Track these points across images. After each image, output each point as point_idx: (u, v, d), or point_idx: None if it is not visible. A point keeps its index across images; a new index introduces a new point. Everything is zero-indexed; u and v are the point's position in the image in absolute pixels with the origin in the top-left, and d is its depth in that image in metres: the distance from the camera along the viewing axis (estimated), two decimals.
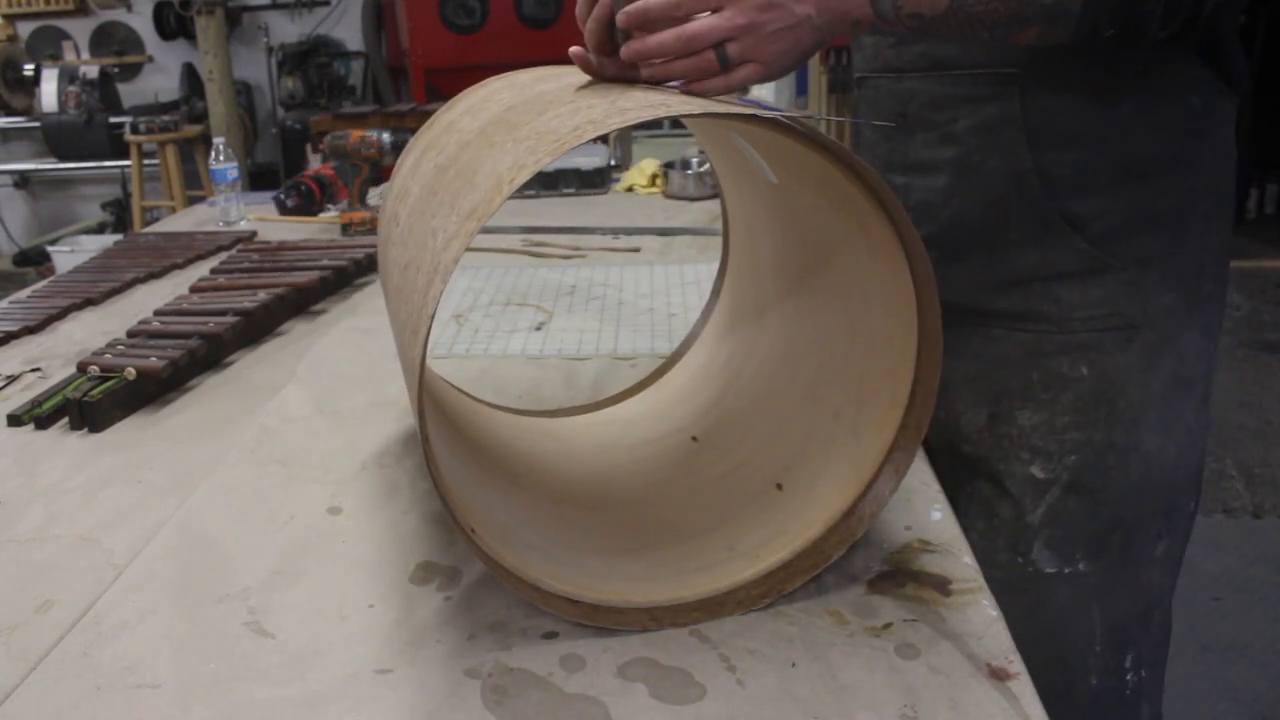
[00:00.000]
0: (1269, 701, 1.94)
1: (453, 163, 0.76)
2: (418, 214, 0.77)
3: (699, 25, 0.74)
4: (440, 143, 0.84)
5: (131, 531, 0.91)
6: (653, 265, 1.69)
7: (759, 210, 0.93)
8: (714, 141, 0.93)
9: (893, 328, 0.78)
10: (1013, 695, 0.66)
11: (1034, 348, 0.96)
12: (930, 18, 0.76)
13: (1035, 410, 0.96)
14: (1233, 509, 2.62)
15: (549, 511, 0.87)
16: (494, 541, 0.72)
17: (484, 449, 0.93)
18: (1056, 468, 0.96)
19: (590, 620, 0.74)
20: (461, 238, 0.63)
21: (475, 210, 0.64)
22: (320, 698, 0.69)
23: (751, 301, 0.98)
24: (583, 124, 0.66)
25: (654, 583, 0.77)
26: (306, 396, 1.20)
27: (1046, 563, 0.98)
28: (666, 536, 0.84)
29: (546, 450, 0.98)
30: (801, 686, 0.68)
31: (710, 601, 0.76)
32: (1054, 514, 0.97)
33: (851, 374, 0.83)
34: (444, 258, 0.64)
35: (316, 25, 5.69)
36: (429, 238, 0.70)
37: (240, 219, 2.14)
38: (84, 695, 0.69)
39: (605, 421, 1.03)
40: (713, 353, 1.03)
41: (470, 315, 1.47)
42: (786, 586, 0.78)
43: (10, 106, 5.46)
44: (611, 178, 2.33)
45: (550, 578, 0.74)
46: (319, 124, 4.47)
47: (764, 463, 0.88)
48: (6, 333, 1.42)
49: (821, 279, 0.86)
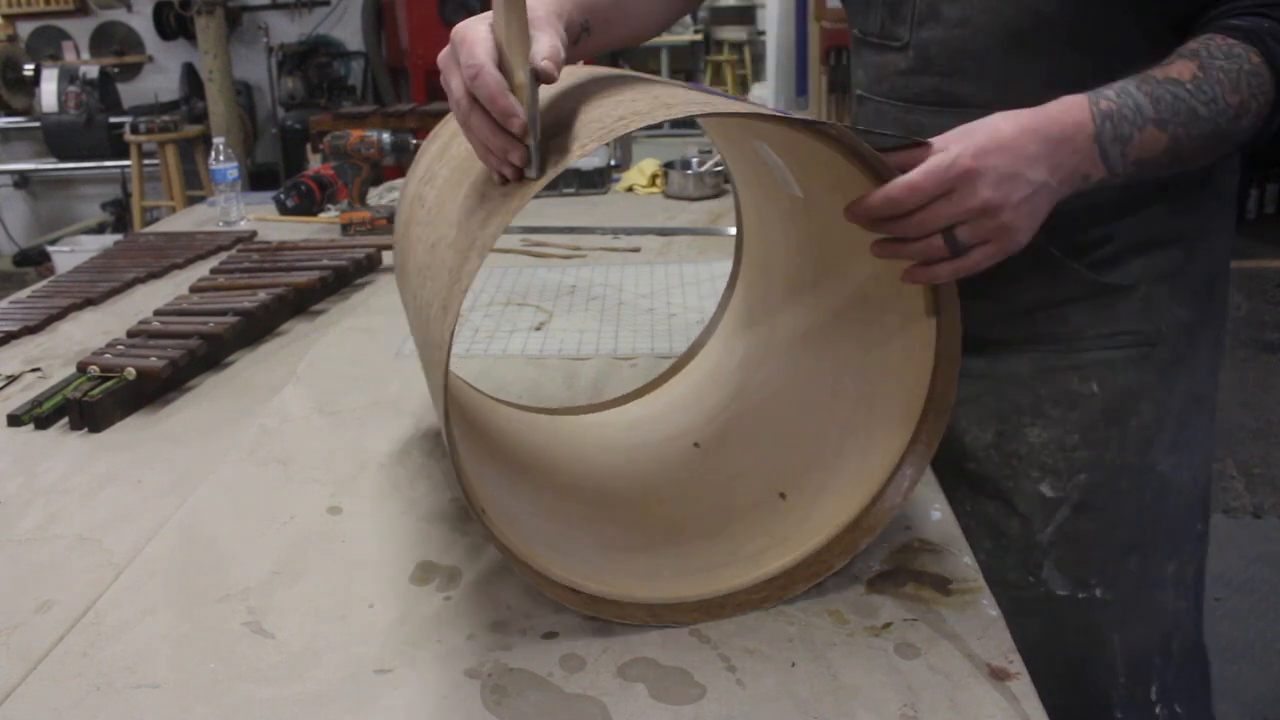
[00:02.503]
0: (1269, 701, 1.94)
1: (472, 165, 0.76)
2: (448, 194, 0.76)
3: (932, 211, 0.69)
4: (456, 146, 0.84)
5: (131, 531, 0.91)
6: (653, 265, 1.69)
7: (774, 215, 0.92)
8: (734, 147, 0.92)
9: (910, 341, 0.77)
10: (1013, 695, 0.66)
11: (1042, 364, 0.94)
12: (1149, 159, 0.75)
13: (1045, 428, 0.95)
14: (1233, 509, 2.62)
15: (554, 505, 0.87)
16: (503, 525, 0.72)
17: (493, 439, 0.93)
18: (1066, 486, 0.95)
19: (591, 610, 0.74)
20: (508, 210, 0.62)
21: (516, 190, 0.64)
22: (320, 698, 0.69)
23: (763, 309, 0.97)
24: (628, 114, 0.64)
25: (655, 580, 0.77)
26: (306, 396, 1.20)
27: (1058, 584, 0.96)
28: (668, 536, 0.84)
29: (551, 446, 0.98)
30: (801, 686, 0.68)
31: (710, 603, 0.76)
32: (1064, 534, 0.95)
33: (863, 388, 0.82)
34: (483, 234, 0.64)
35: (316, 25, 5.69)
36: (464, 216, 0.69)
37: (240, 219, 2.13)
38: (84, 695, 0.69)
39: (609, 423, 1.03)
40: (720, 359, 1.02)
41: (470, 315, 1.47)
42: (786, 593, 0.78)
43: (10, 106, 5.46)
44: (611, 178, 2.33)
45: (555, 566, 0.74)
46: (319, 124, 4.46)
47: (768, 472, 0.88)
48: (6, 333, 1.42)
49: (836, 288, 0.85)
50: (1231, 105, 0.75)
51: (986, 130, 0.70)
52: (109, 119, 5.07)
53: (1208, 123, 0.75)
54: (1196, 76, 0.75)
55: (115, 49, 5.75)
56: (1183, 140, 0.75)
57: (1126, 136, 0.73)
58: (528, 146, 0.64)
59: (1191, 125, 0.75)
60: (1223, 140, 0.77)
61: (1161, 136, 0.74)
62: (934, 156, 0.68)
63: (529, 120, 0.64)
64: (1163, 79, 0.75)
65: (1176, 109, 0.74)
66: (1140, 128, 0.74)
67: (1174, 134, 0.75)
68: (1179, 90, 0.74)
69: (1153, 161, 0.76)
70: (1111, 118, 0.73)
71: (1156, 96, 0.74)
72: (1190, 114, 0.74)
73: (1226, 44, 0.76)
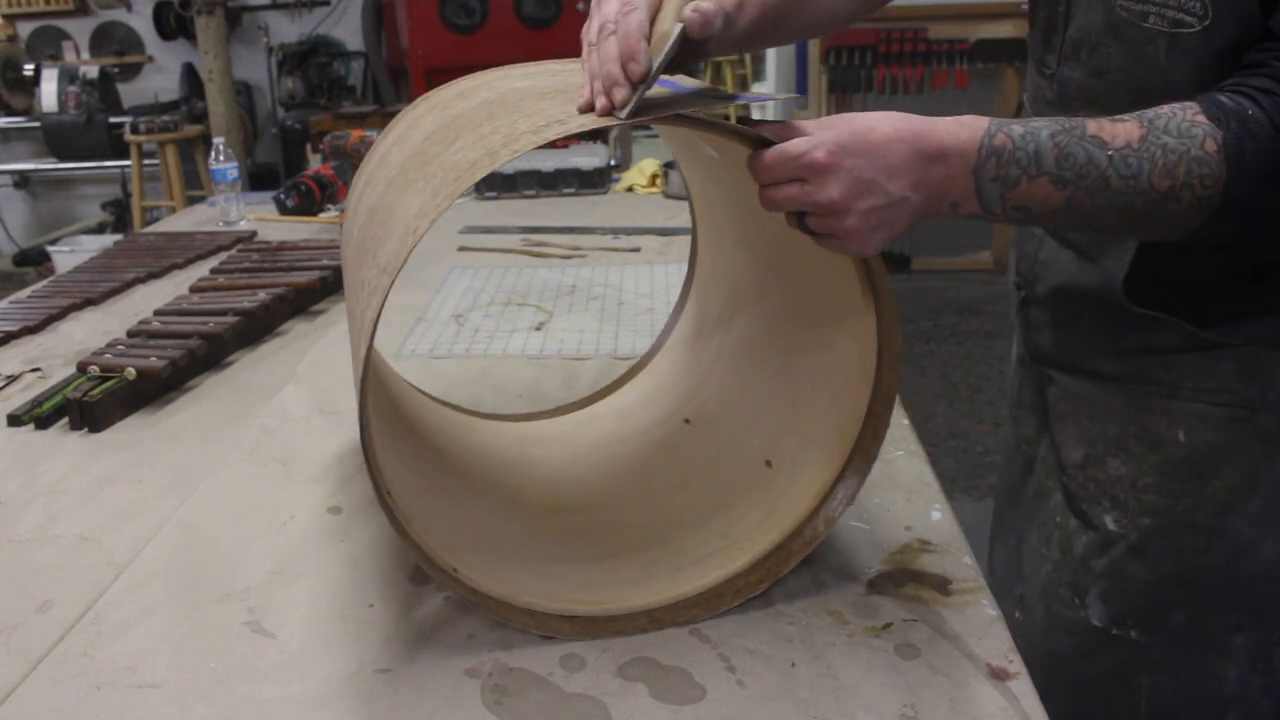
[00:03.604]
0: None
1: (379, 204, 0.76)
2: (355, 263, 0.77)
3: (781, 192, 0.68)
4: (375, 178, 0.83)
5: (131, 531, 0.91)
6: (653, 265, 1.69)
7: (713, 183, 0.93)
8: (678, 141, 0.94)
9: (853, 297, 0.78)
10: (1012, 695, 0.66)
11: (1138, 400, 0.91)
12: (1038, 212, 0.71)
13: (1125, 462, 0.92)
14: None
15: (546, 524, 0.87)
16: (480, 574, 0.72)
17: (472, 469, 0.93)
18: (1128, 526, 0.92)
19: (588, 634, 0.74)
20: (379, 294, 0.63)
21: (388, 266, 0.64)
22: (320, 698, 0.69)
23: (726, 276, 0.99)
24: (479, 158, 0.65)
25: (651, 582, 0.78)
26: (306, 396, 1.20)
27: (1097, 615, 0.94)
28: (661, 533, 0.84)
29: (545, 456, 0.98)
30: (801, 686, 0.68)
31: (709, 595, 0.77)
32: (1114, 569, 0.93)
33: (822, 338, 0.83)
34: (368, 315, 0.64)
35: (316, 25, 5.68)
36: (361, 289, 0.71)
37: (240, 219, 2.13)
38: (84, 695, 0.69)
39: (599, 415, 1.04)
40: (698, 329, 1.03)
41: (470, 315, 1.47)
42: (781, 569, 0.78)
43: (10, 106, 5.45)
44: (611, 178, 2.33)
45: (545, 597, 0.74)
46: (319, 124, 4.46)
47: (752, 437, 0.89)
48: (6, 333, 1.42)
49: (782, 251, 0.87)
50: (1157, 188, 0.69)
51: (860, 127, 0.67)
52: (109, 119, 5.07)
53: (1119, 196, 0.69)
54: (1129, 145, 0.69)
55: (115, 49, 5.74)
56: (1083, 205, 0.70)
57: (1011, 180, 0.69)
58: (635, 88, 0.67)
59: (1097, 194, 0.69)
60: (1142, 219, 0.71)
61: (1056, 193, 0.69)
62: (795, 140, 0.67)
63: (650, 68, 0.67)
64: (1090, 135, 0.69)
65: (1084, 172, 0.69)
66: (1031, 176, 0.69)
67: (1072, 195, 0.69)
68: (1099, 153, 0.69)
69: (1045, 215, 0.71)
70: (999, 155, 0.68)
71: (1068, 151, 0.69)
72: (1100, 182, 0.69)
73: (1190, 121, 0.70)
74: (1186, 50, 0.76)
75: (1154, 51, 0.78)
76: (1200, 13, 0.75)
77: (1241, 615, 0.91)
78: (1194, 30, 0.76)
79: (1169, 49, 0.77)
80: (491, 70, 0.90)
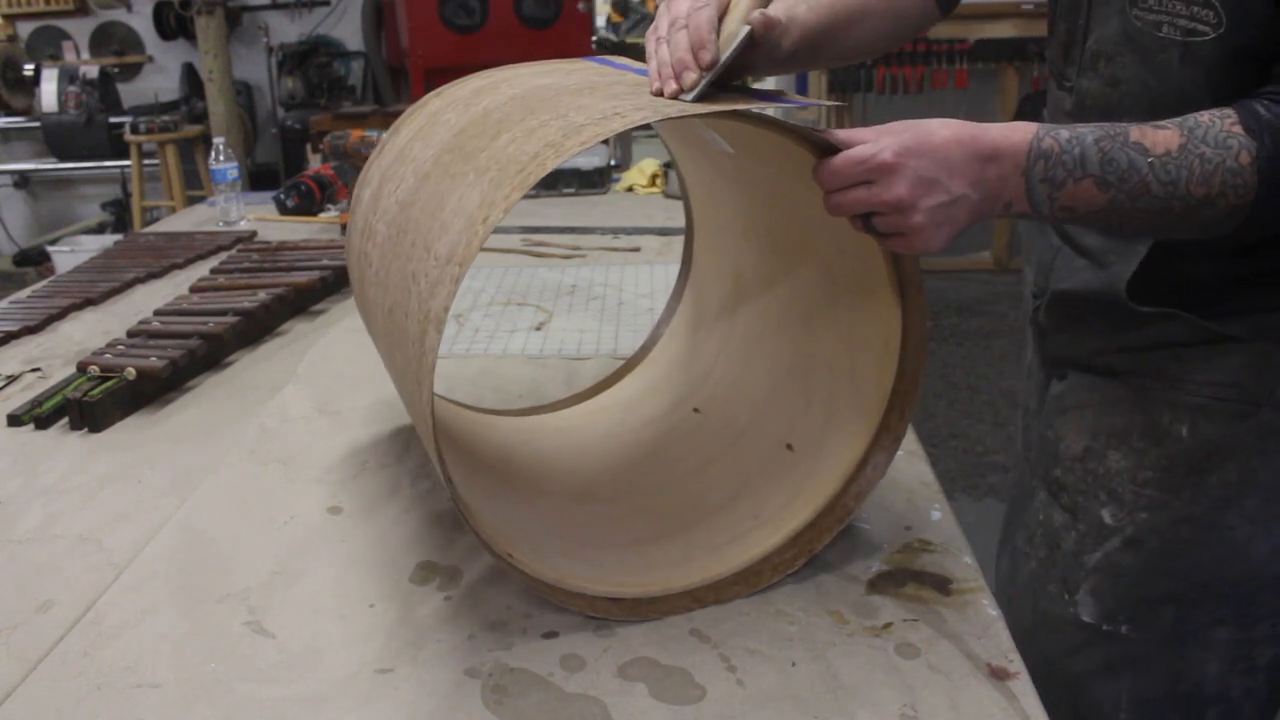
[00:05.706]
0: None
1: (415, 198, 0.76)
2: (391, 255, 0.77)
3: (849, 195, 0.71)
4: (397, 173, 0.83)
5: (131, 531, 0.91)
6: (653, 265, 1.69)
7: (719, 178, 0.93)
8: (677, 138, 0.94)
9: (874, 277, 0.78)
10: (1012, 695, 0.66)
11: (1142, 393, 0.92)
12: (1084, 213, 0.74)
13: (1125, 455, 0.93)
14: None
15: (575, 512, 0.88)
16: (531, 560, 0.73)
17: (498, 463, 0.93)
18: (1124, 519, 0.93)
19: (636, 615, 0.75)
20: (446, 283, 0.63)
21: (453, 256, 0.64)
22: (320, 698, 0.69)
23: (730, 268, 0.99)
24: (539, 149, 0.66)
25: (691, 564, 0.79)
26: (306, 396, 1.20)
27: (1087, 611, 0.95)
28: (693, 515, 0.85)
29: (556, 448, 0.98)
30: (801, 686, 0.68)
31: (748, 572, 0.78)
32: (1108, 563, 0.94)
33: (839, 323, 0.84)
34: (433, 305, 0.64)
35: (316, 25, 5.68)
36: (410, 281, 0.70)
37: (240, 219, 2.13)
38: (84, 695, 0.69)
39: (605, 406, 1.04)
40: (697, 322, 1.03)
41: (470, 315, 1.47)
42: (816, 545, 0.80)
43: (10, 106, 5.45)
44: (611, 177, 2.33)
45: (592, 582, 0.75)
46: (319, 124, 4.46)
47: (768, 423, 0.89)
48: (6, 333, 1.42)
49: (793, 241, 0.87)
50: (1194, 195, 0.72)
51: (920, 131, 0.71)
52: (109, 119, 5.06)
53: (1158, 200, 0.72)
54: (1169, 153, 0.72)
55: (115, 49, 5.74)
56: (1125, 207, 0.73)
57: (1058, 181, 0.72)
58: (703, 76, 0.73)
59: (1138, 197, 0.72)
60: (1179, 221, 0.74)
61: (1100, 195, 0.72)
62: (861, 146, 0.70)
63: (718, 57, 0.73)
64: (1132, 141, 0.72)
65: (1127, 176, 0.72)
66: (1077, 179, 0.72)
67: (1115, 198, 0.72)
68: (1140, 159, 0.72)
69: (1090, 216, 0.74)
70: (1047, 157, 0.72)
71: (1111, 156, 0.72)
72: (1141, 186, 0.72)
73: (1227, 132, 0.72)
74: (1199, 58, 0.78)
75: (1167, 60, 0.80)
76: (1214, 21, 0.77)
77: (1226, 610, 0.92)
78: (1207, 39, 0.78)
79: (1182, 58, 0.79)
80: (497, 70, 0.90)
